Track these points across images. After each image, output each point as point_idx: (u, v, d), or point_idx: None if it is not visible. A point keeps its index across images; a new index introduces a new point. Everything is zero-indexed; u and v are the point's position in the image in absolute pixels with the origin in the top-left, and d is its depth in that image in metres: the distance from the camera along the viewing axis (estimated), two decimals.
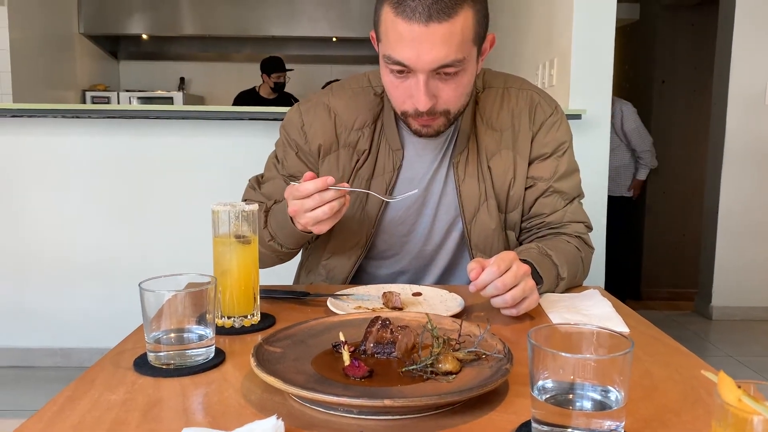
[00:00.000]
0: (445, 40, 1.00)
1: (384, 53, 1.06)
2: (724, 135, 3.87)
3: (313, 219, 1.04)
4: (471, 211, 1.23)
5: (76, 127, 2.90)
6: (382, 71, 1.11)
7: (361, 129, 1.23)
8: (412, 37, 1.00)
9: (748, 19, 3.79)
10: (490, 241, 1.24)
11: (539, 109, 1.26)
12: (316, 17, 5.76)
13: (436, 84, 1.05)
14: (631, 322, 1.00)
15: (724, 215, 3.91)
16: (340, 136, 1.23)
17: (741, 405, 0.46)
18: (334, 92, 1.27)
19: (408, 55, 1.02)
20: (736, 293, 3.92)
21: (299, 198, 1.03)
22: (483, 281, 0.96)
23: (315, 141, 1.24)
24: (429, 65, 1.02)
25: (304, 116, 1.26)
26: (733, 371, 3.04)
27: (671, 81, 4.50)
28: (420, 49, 1.00)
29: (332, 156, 1.24)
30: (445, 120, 1.12)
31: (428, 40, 0.99)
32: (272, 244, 1.22)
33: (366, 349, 0.79)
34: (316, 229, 1.08)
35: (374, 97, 1.25)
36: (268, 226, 1.22)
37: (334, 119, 1.24)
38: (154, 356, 0.80)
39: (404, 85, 1.07)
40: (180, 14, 5.71)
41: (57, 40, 5.09)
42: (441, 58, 1.01)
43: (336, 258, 1.28)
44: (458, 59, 1.02)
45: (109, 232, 2.98)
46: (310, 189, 1.02)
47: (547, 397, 0.58)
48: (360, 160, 1.23)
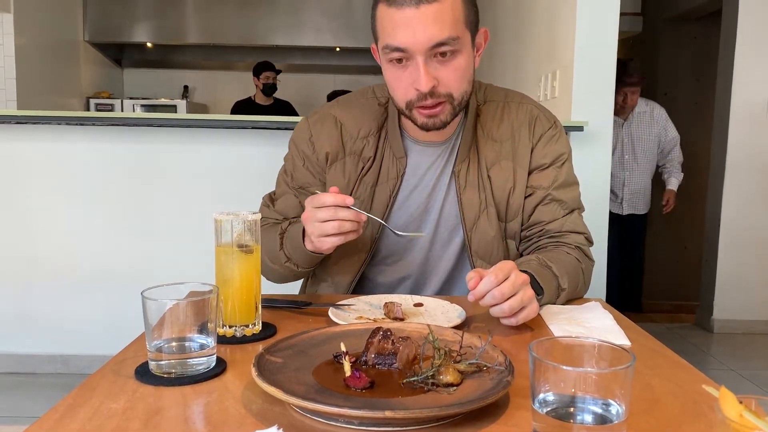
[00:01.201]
0: (436, 18, 1.06)
1: (383, 45, 1.12)
2: (726, 147, 3.87)
3: (320, 230, 1.07)
4: (471, 219, 1.25)
5: (79, 135, 2.91)
6: (385, 69, 1.16)
7: (366, 137, 1.27)
8: (405, 20, 1.07)
9: (751, 32, 3.80)
10: (490, 249, 1.26)
11: (538, 122, 1.29)
12: (320, 27, 5.79)
13: (435, 66, 1.10)
14: (632, 335, 1.00)
15: (725, 228, 3.91)
16: (346, 145, 1.27)
17: (742, 420, 0.46)
18: (340, 104, 1.32)
19: (404, 38, 1.07)
20: (737, 306, 3.91)
21: (315, 206, 1.07)
22: (481, 291, 0.96)
23: (322, 150, 1.27)
24: (425, 44, 1.07)
25: (312, 128, 1.29)
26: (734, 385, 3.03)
27: (673, 93, 4.51)
28: (415, 30, 1.06)
29: (339, 163, 1.27)
30: (450, 108, 1.14)
31: (421, 20, 1.06)
32: (289, 265, 1.24)
33: (367, 360, 0.79)
34: (318, 243, 1.10)
35: (379, 107, 1.29)
36: (283, 248, 1.23)
37: (341, 129, 1.28)
38: (155, 365, 0.80)
39: (405, 73, 1.12)
40: (184, 23, 5.75)
41: (62, 48, 5.12)
42: (436, 35, 1.07)
43: (341, 262, 1.29)
44: (452, 37, 1.08)
45: (111, 239, 2.98)
46: (328, 201, 1.06)
47: (548, 410, 0.58)
48: (365, 168, 1.26)
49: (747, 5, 3.78)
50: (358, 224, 1.07)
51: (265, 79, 4.90)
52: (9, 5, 4.17)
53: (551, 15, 3.15)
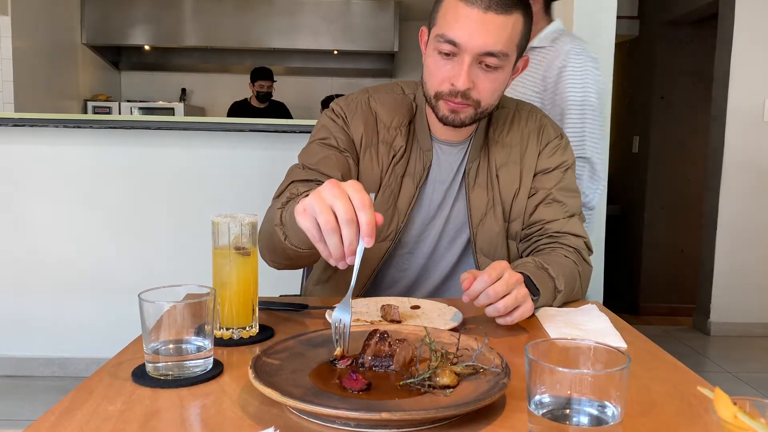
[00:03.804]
0: (497, 30, 1.11)
1: (437, 33, 1.15)
2: (723, 151, 3.88)
3: (326, 222, 0.81)
4: (478, 216, 1.29)
5: (77, 137, 2.91)
6: (428, 55, 1.19)
7: (398, 128, 1.30)
8: (469, 19, 1.11)
9: (747, 36, 3.81)
10: (495, 246, 1.30)
11: (546, 131, 1.35)
12: (318, 30, 5.79)
13: (476, 72, 1.15)
14: (628, 337, 1.00)
15: (722, 231, 3.92)
16: (379, 132, 1.30)
17: (737, 422, 0.47)
18: (371, 93, 1.35)
19: (461, 34, 1.11)
20: (734, 309, 3.92)
21: (340, 197, 0.81)
22: (475, 290, 0.97)
23: (357, 132, 1.29)
24: (478, 48, 1.11)
25: (346, 110, 1.31)
26: (731, 387, 3.04)
27: (670, 97, 4.52)
28: (474, 31, 1.11)
29: (372, 150, 1.29)
30: (473, 112, 1.19)
31: (483, 25, 1.10)
32: (286, 245, 1.04)
33: (364, 362, 0.79)
34: (301, 217, 0.85)
35: (408, 102, 1.33)
36: (282, 221, 1.05)
37: (375, 117, 1.31)
38: (152, 367, 0.80)
39: (447, 66, 1.15)
40: (182, 26, 5.75)
41: (60, 50, 5.12)
42: (490, 44, 1.11)
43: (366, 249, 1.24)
44: (503, 52, 1.13)
45: (108, 241, 2.98)
46: (366, 200, 0.81)
47: (544, 411, 0.58)
48: (396, 156, 1.29)
49: (743, 9, 3.79)
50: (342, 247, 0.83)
51: (259, 87, 4.97)
52: (6, 8, 4.16)
53: None
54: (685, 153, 4.53)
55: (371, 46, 5.87)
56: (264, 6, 5.73)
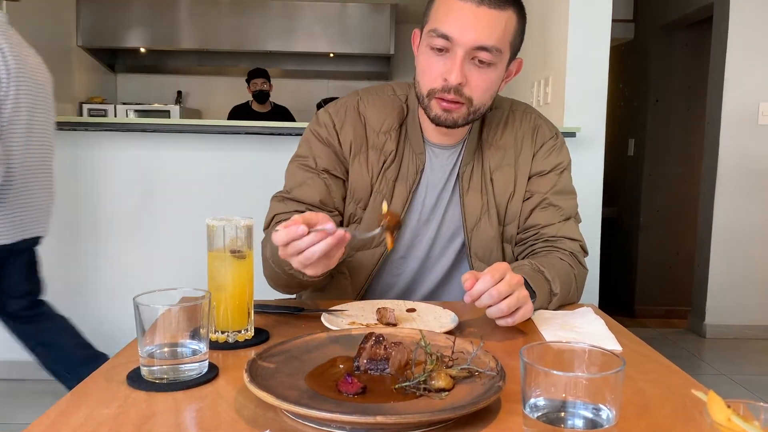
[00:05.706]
0: (490, 24, 1.11)
1: (430, 28, 1.14)
2: (718, 154, 3.90)
3: (305, 259, 0.93)
4: (473, 221, 1.28)
5: (72, 140, 2.90)
6: (421, 53, 1.19)
7: (388, 132, 1.29)
8: (462, 13, 1.11)
9: (741, 40, 3.83)
10: (489, 250, 1.29)
11: (540, 131, 1.33)
12: (314, 33, 5.79)
13: (469, 68, 1.14)
14: (623, 340, 1.00)
15: (717, 234, 3.93)
16: (369, 138, 1.29)
17: (731, 425, 0.47)
18: (362, 98, 1.33)
19: (454, 28, 1.11)
20: (729, 312, 3.93)
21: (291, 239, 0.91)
22: (478, 290, 0.97)
23: (347, 139, 1.28)
24: (471, 42, 1.11)
25: (335, 117, 1.30)
26: (726, 390, 3.05)
27: (665, 100, 4.54)
28: (466, 25, 1.11)
29: (361, 156, 1.28)
30: (466, 111, 1.18)
31: (476, 19, 1.11)
32: (294, 273, 1.06)
33: (359, 366, 0.79)
34: (311, 271, 0.97)
35: (399, 104, 1.31)
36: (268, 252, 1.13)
37: (364, 122, 1.29)
38: (147, 370, 0.80)
39: (440, 62, 1.14)
40: (178, 28, 5.74)
41: (55, 53, 5.10)
42: (483, 38, 1.11)
43: (360, 255, 1.29)
44: (496, 47, 1.13)
45: (103, 244, 2.97)
46: (309, 237, 0.91)
47: (539, 414, 0.59)
48: (387, 161, 1.28)
49: (738, 13, 3.81)
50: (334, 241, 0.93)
51: (254, 86, 4.88)
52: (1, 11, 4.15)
53: (544, 22, 3.17)
54: (681, 156, 4.54)
55: (367, 48, 5.87)
56: (260, 9, 5.73)
